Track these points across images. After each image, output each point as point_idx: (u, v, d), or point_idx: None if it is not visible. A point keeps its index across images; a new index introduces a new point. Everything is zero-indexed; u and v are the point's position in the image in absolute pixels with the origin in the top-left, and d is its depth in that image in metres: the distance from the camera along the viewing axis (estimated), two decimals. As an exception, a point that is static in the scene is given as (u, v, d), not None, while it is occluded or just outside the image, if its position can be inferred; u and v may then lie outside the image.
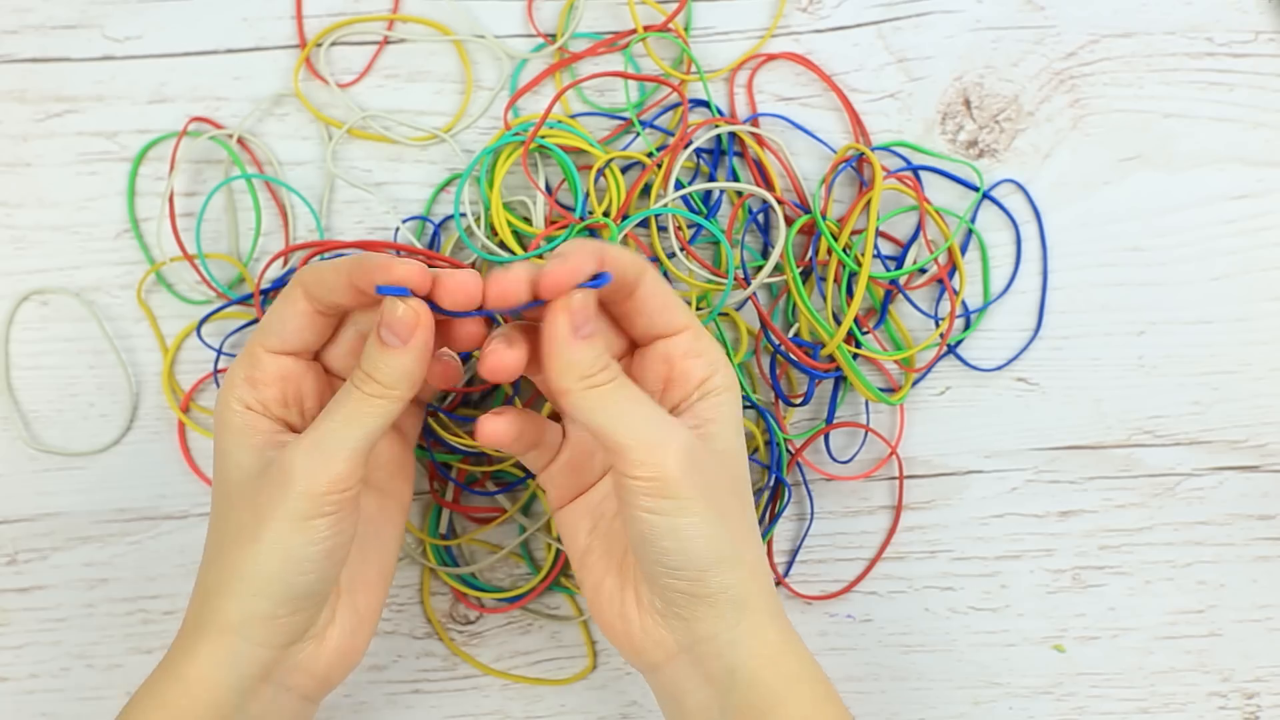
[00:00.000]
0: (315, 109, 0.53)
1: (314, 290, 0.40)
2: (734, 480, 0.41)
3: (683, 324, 0.41)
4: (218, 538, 0.40)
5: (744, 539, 0.40)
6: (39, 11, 0.52)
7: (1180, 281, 0.54)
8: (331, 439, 0.38)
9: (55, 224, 0.52)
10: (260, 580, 0.39)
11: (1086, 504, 0.53)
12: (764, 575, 0.41)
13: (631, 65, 0.53)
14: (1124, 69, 0.54)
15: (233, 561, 0.39)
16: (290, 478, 0.38)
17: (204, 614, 0.40)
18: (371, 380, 0.38)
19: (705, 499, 0.38)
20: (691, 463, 0.38)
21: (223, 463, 0.40)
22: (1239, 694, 0.53)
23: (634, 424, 0.38)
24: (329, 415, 0.39)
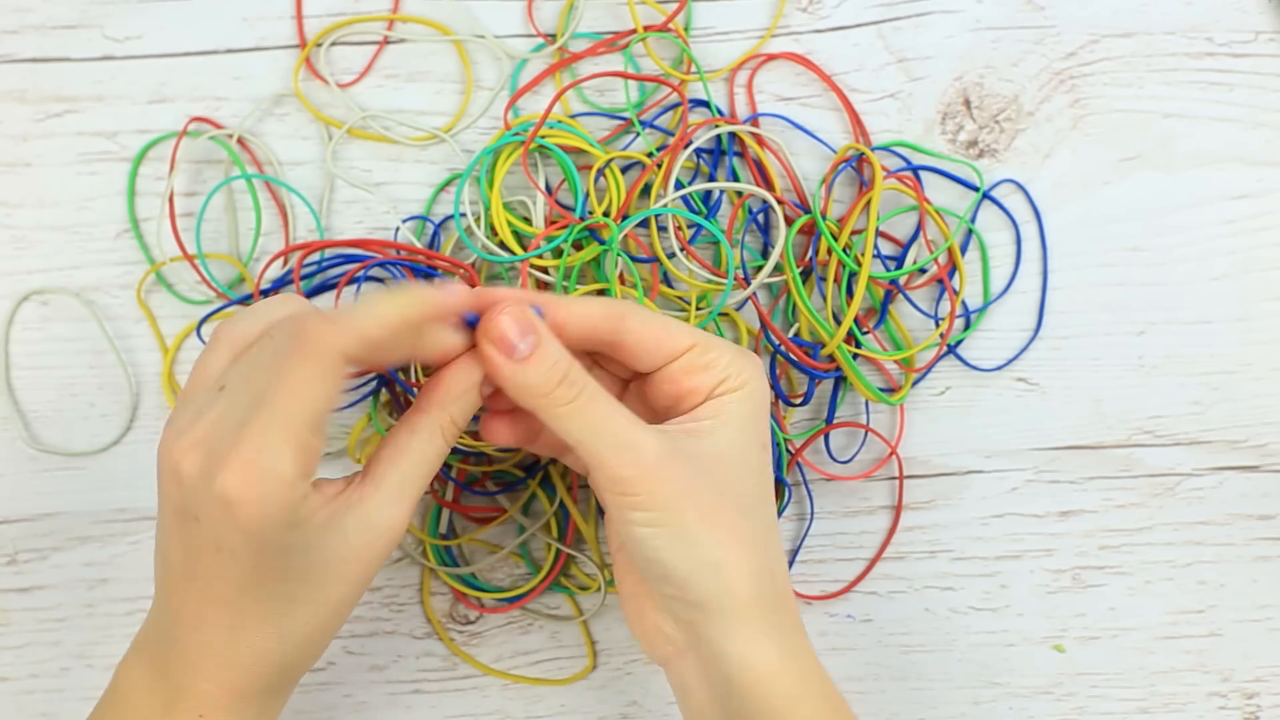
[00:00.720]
0: (315, 109, 0.53)
1: (360, 355, 0.35)
2: (728, 481, 0.39)
3: (683, 347, 0.40)
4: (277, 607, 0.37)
5: (737, 544, 0.38)
6: (39, 11, 0.52)
7: (1180, 281, 0.54)
8: (418, 490, 0.38)
9: (55, 224, 0.52)
10: (334, 635, 0.39)
11: (1086, 504, 0.53)
12: (766, 580, 0.39)
13: (631, 65, 0.53)
14: (1124, 69, 0.54)
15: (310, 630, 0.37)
16: (390, 539, 0.37)
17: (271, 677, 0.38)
18: (457, 428, 0.39)
19: (679, 508, 0.37)
20: (659, 473, 0.37)
21: (281, 555, 0.35)
22: (1239, 694, 0.53)
23: (599, 438, 0.37)
24: (414, 464, 0.38)
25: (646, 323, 0.40)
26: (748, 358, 0.41)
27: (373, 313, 0.35)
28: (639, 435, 0.38)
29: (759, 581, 0.39)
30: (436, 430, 0.38)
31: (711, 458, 0.39)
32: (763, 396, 0.40)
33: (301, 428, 0.34)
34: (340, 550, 0.37)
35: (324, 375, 0.34)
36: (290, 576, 0.36)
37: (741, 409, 0.40)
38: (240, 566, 0.35)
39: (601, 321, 0.39)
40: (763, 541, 0.39)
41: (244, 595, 0.36)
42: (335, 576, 0.37)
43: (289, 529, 0.35)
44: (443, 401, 0.38)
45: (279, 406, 0.34)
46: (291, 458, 0.34)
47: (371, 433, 0.51)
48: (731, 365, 0.40)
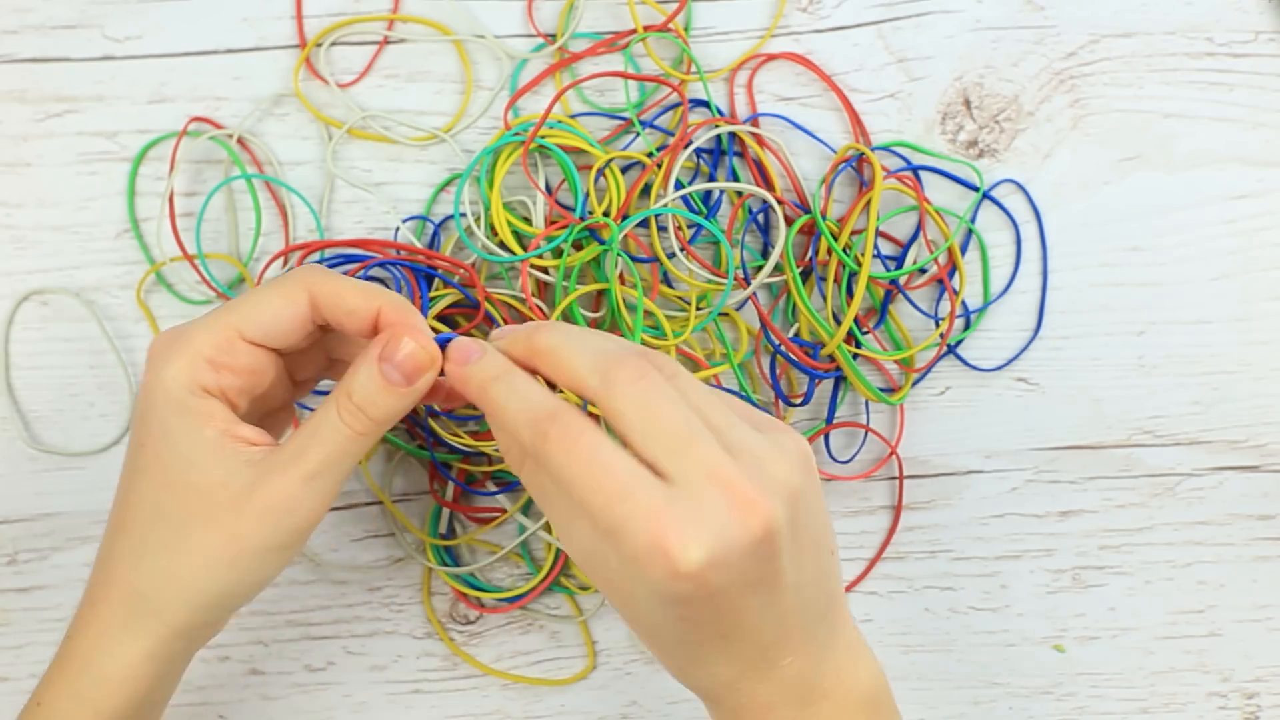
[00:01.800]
0: (315, 109, 0.53)
1: (327, 301, 0.38)
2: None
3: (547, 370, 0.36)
4: (158, 529, 0.38)
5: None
6: (39, 11, 0.52)
7: (1180, 281, 0.54)
8: (323, 477, 0.37)
9: (55, 224, 0.52)
10: (225, 598, 0.38)
11: (1086, 504, 0.53)
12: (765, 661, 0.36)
13: (631, 65, 0.53)
14: (1124, 69, 0.54)
15: (192, 569, 0.37)
16: (284, 513, 0.37)
17: (140, 613, 0.38)
18: (363, 416, 0.37)
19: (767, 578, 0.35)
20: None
21: (166, 446, 0.37)
22: (1239, 694, 0.53)
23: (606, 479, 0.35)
24: (314, 447, 0.37)
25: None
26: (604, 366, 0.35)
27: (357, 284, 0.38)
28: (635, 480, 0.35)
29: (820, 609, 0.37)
30: (332, 404, 0.37)
31: None
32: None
33: (234, 321, 0.37)
34: (216, 490, 0.37)
35: (282, 293, 0.38)
36: (162, 484, 0.37)
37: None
38: (134, 442, 0.38)
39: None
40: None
41: (127, 487, 0.38)
42: (204, 514, 0.37)
43: (177, 410, 0.37)
44: (347, 374, 0.38)
45: (230, 304, 0.38)
46: (209, 340, 0.37)
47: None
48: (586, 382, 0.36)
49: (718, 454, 0.32)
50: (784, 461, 0.34)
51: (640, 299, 0.49)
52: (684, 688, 0.38)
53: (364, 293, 0.37)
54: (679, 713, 0.52)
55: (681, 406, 0.33)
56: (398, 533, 0.52)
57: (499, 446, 0.38)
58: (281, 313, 0.38)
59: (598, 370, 0.34)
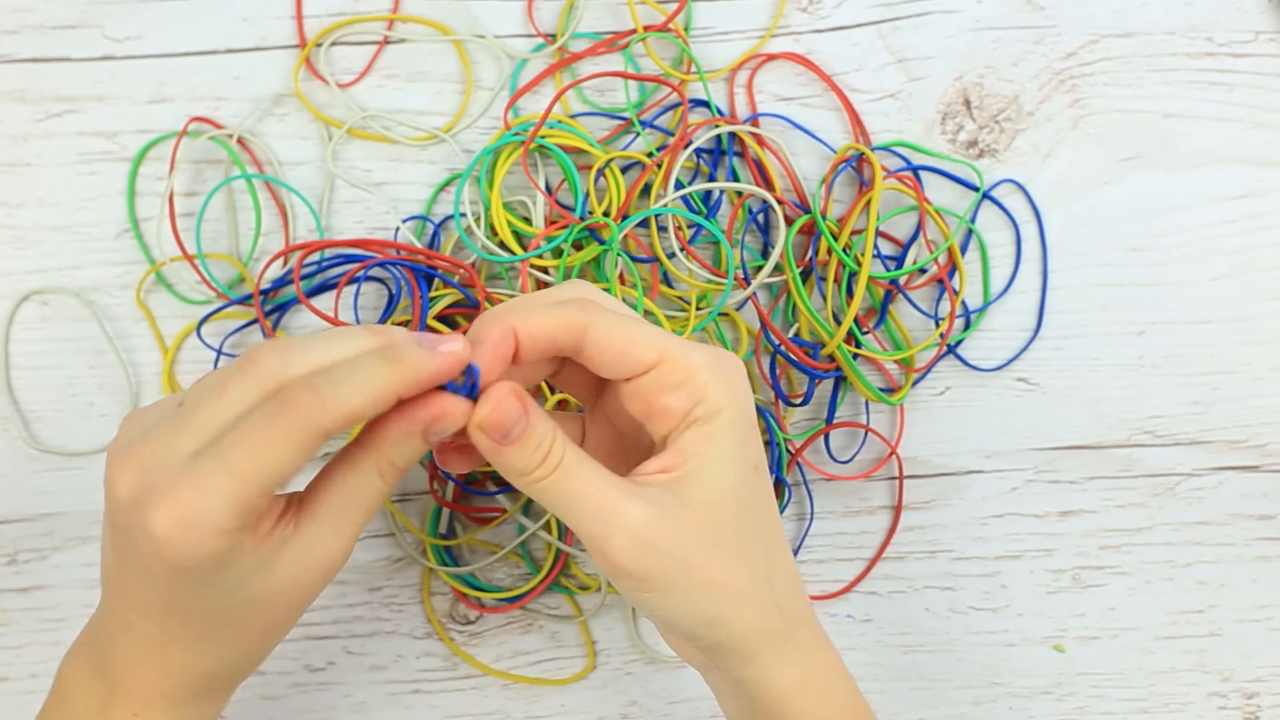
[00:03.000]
0: (315, 109, 0.53)
1: (337, 427, 0.33)
2: (718, 526, 0.37)
3: (651, 361, 0.36)
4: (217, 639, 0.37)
5: (734, 593, 0.37)
6: (39, 11, 0.52)
7: (1180, 281, 0.54)
8: (356, 526, 0.37)
9: (55, 224, 0.52)
10: (269, 652, 0.39)
11: (1086, 504, 0.53)
12: (772, 614, 0.38)
13: (631, 65, 0.53)
14: (1124, 69, 0.54)
15: (256, 658, 0.38)
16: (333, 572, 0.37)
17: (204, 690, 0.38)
18: (396, 470, 0.36)
19: (668, 575, 0.36)
20: (642, 545, 0.35)
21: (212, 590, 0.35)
22: (1239, 694, 0.53)
23: (583, 512, 0.36)
24: (351, 500, 0.36)
25: (609, 334, 0.36)
26: (723, 370, 0.37)
27: (361, 390, 0.33)
28: (621, 507, 0.35)
29: (764, 620, 0.37)
30: (374, 471, 0.36)
31: (698, 509, 0.36)
32: (744, 417, 0.37)
33: (252, 490, 0.32)
34: (269, 586, 0.35)
35: (296, 447, 0.33)
36: (215, 607, 0.36)
37: (723, 443, 0.36)
38: (163, 593, 0.35)
39: (561, 335, 0.36)
40: (765, 576, 0.38)
41: (169, 616, 0.36)
42: (263, 608, 0.36)
43: (215, 573, 0.34)
44: (383, 445, 0.36)
45: (236, 461, 0.32)
46: (231, 514, 0.32)
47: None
48: (706, 385, 0.36)
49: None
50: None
51: (640, 299, 0.49)
52: (683, 689, 0.38)
53: (377, 398, 0.34)
54: (679, 712, 0.52)
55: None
56: (398, 533, 0.52)
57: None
58: (293, 463, 0.33)
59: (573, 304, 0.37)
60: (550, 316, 0.36)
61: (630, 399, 0.37)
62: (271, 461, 0.32)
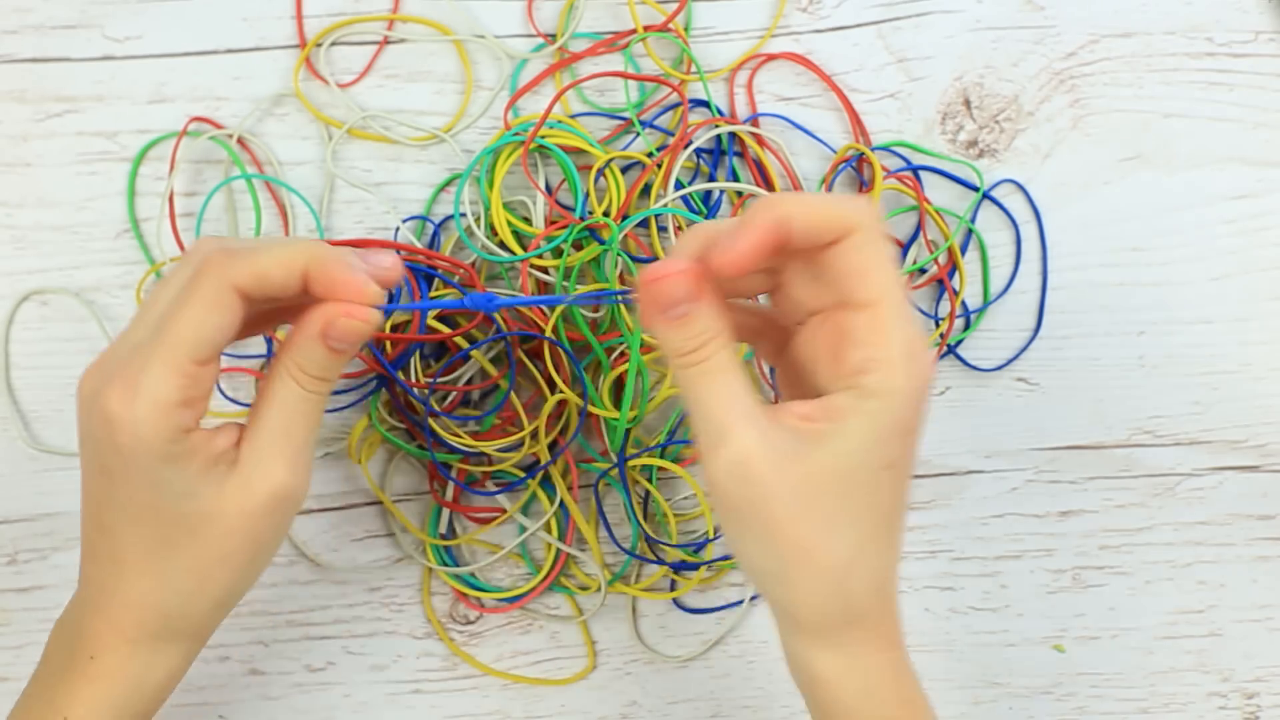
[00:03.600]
0: (315, 109, 0.53)
1: (253, 290, 0.36)
2: (820, 497, 0.36)
3: (866, 301, 0.35)
4: (172, 559, 0.37)
5: (808, 565, 0.36)
6: (39, 11, 0.52)
7: (1180, 281, 0.54)
8: (308, 448, 0.38)
9: (55, 224, 0.52)
10: (243, 593, 0.39)
11: (1086, 504, 0.53)
12: (836, 604, 0.37)
13: (631, 65, 0.53)
14: (1124, 69, 0.54)
15: (215, 586, 0.38)
16: (287, 498, 0.37)
17: (173, 630, 0.39)
18: (320, 380, 0.37)
19: (754, 514, 0.36)
20: (741, 474, 0.35)
21: (156, 494, 0.36)
22: (1239, 694, 0.53)
23: (706, 416, 0.36)
24: (295, 424, 0.37)
25: (860, 252, 0.35)
26: (911, 362, 0.35)
27: (273, 253, 0.36)
28: (736, 428, 0.35)
29: (825, 601, 0.37)
30: (286, 376, 0.37)
31: (810, 466, 0.35)
32: (905, 416, 0.35)
33: (186, 354, 0.35)
34: (217, 503, 0.37)
35: (214, 304, 0.35)
36: (167, 518, 0.37)
37: (870, 425, 0.35)
38: (121, 493, 0.36)
39: (825, 225, 0.35)
40: (844, 561, 0.36)
41: (125, 526, 0.37)
42: (213, 529, 0.37)
43: (163, 460, 0.35)
44: (290, 350, 0.37)
45: (168, 332, 0.35)
46: (172, 383, 0.35)
47: (372, 432, 0.51)
48: (885, 361, 0.35)
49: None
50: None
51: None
52: (683, 688, 0.38)
53: (284, 264, 0.36)
54: (679, 712, 0.52)
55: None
56: (398, 533, 0.52)
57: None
58: (222, 323, 0.36)
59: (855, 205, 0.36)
60: (837, 206, 0.35)
61: (832, 329, 0.36)
62: (193, 322, 0.35)
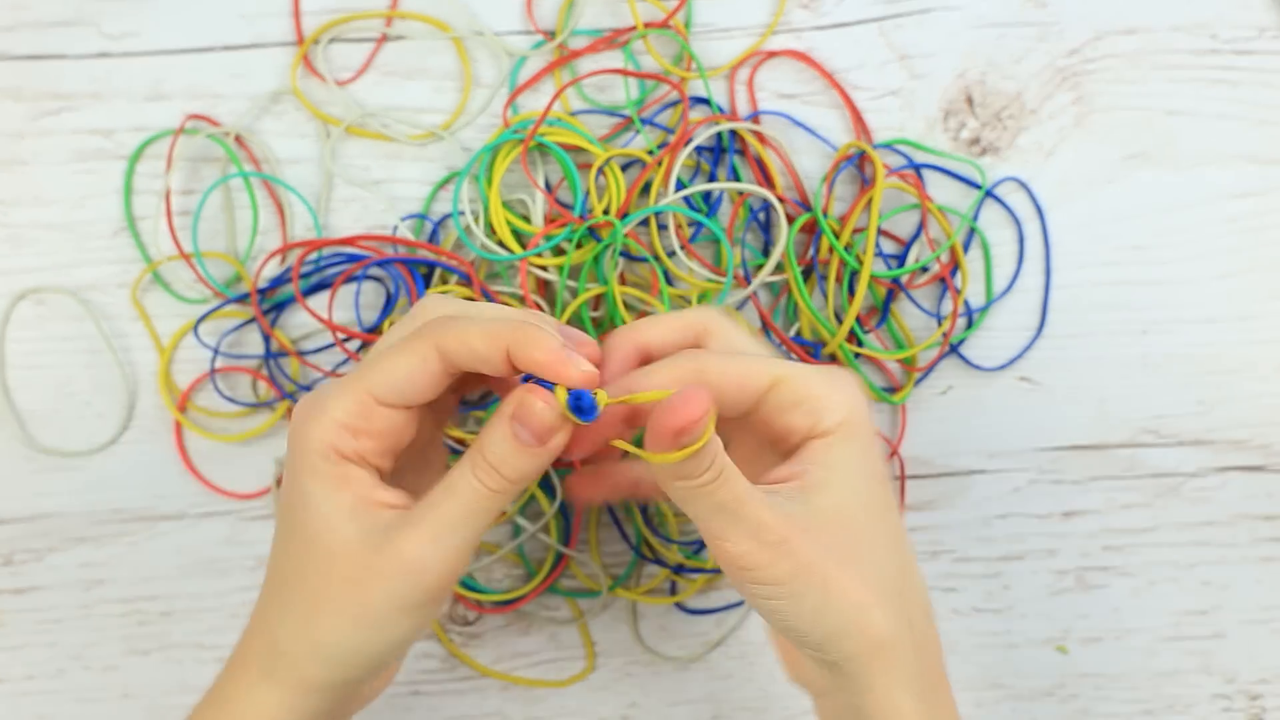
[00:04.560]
0: (313, 106, 0.52)
1: (456, 356, 0.36)
2: (852, 534, 0.37)
3: (764, 387, 0.37)
4: (298, 588, 0.38)
5: (869, 602, 0.36)
6: (34, 8, 0.52)
7: (1184, 280, 0.53)
8: (454, 535, 0.36)
9: (51, 222, 0.52)
10: (358, 657, 0.38)
11: (1090, 504, 0.53)
12: (904, 629, 0.37)
13: (631, 62, 0.53)
14: (1127, 66, 0.54)
15: (322, 627, 0.37)
16: (412, 571, 0.36)
17: (278, 667, 0.38)
18: (497, 475, 0.36)
19: (802, 580, 0.36)
20: (779, 550, 0.35)
21: (306, 511, 0.37)
22: (1244, 695, 0.53)
23: (725, 520, 0.35)
24: (447, 503, 0.36)
25: (724, 370, 0.37)
26: (837, 384, 0.37)
27: (482, 323, 0.36)
28: (761, 515, 0.35)
29: (895, 633, 0.37)
30: (469, 466, 0.36)
31: (829, 514, 0.36)
32: (863, 427, 0.37)
33: (368, 387, 0.36)
34: (350, 551, 0.36)
35: (411, 354, 0.36)
36: (303, 540, 0.37)
37: (844, 453, 0.37)
38: (283, 503, 0.38)
39: (678, 384, 0.36)
40: (897, 589, 0.37)
41: (274, 546, 0.38)
42: (337, 575, 0.36)
43: (312, 475, 0.36)
44: (480, 440, 0.36)
45: (367, 370, 0.37)
46: (346, 406, 0.36)
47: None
48: (823, 399, 0.37)
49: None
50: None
51: (653, 302, 0.49)
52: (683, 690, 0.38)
53: (489, 337, 0.35)
54: (679, 714, 0.52)
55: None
56: (396, 533, 0.52)
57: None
58: (415, 374, 0.36)
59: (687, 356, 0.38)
60: (667, 369, 0.37)
61: (754, 428, 0.38)
62: (388, 365, 0.36)
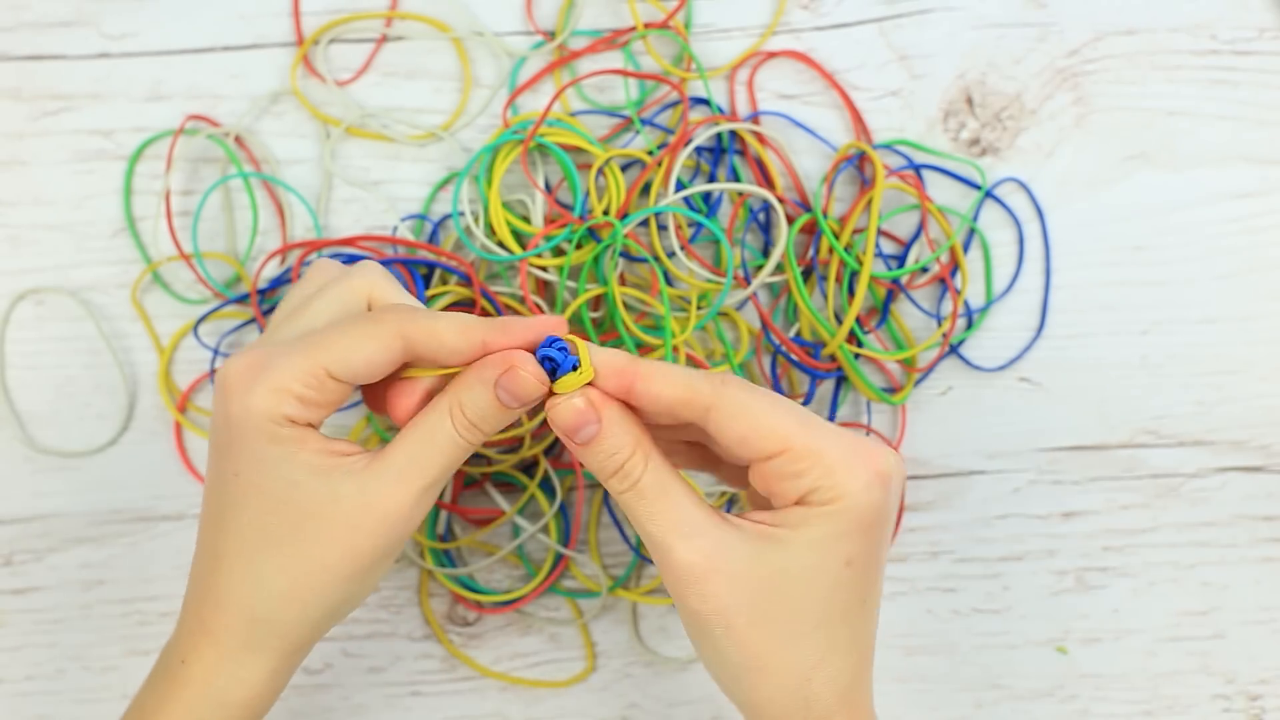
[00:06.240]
0: (313, 107, 0.52)
1: (423, 344, 0.37)
2: (784, 599, 0.36)
3: (771, 452, 0.36)
4: (270, 554, 0.37)
5: (767, 670, 0.37)
6: (34, 9, 0.52)
7: (1184, 280, 0.53)
8: (434, 484, 0.37)
9: (51, 223, 0.52)
10: (345, 608, 0.38)
11: (1090, 505, 0.53)
12: (793, 708, 0.37)
13: (631, 63, 0.53)
14: (1127, 66, 0.54)
15: (313, 588, 0.37)
16: (400, 520, 0.37)
17: (261, 635, 0.38)
18: (476, 430, 0.37)
19: (715, 618, 0.36)
20: (697, 587, 0.36)
21: (264, 475, 0.37)
22: (1243, 696, 0.53)
23: (647, 536, 0.37)
24: (426, 454, 0.37)
25: (732, 422, 0.36)
26: (858, 462, 0.36)
27: (450, 318, 0.37)
28: (681, 546, 0.36)
29: (789, 714, 0.37)
30: (445, 411, 0.37)
31: (768, 572, 0.36)
32: (860, 512, 0.36)
33: (325, 361, 0.36)
34: (325, 504, 0.36)
35: (376, 337, 0.36)
36: (269, 505, 0.37)
37: (824, 528, 0.36)
38: (228, 470, 0.37)
39: (682, 409, 0.37)
40: (805, 667, 0.37)
41: (229, 513, 0.37)
42: (315, 530, 0.37)
43: (270, 439, 0.36)
44: (458, 387, 0.37)
45: (319, 338, 0.36)
46: (299, 377, 0.36)
47: (370, 433, 0.51)
48: (823, 479, 0.36)
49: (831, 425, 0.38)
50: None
51: (653, 303, 0.49)
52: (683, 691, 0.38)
53: (462, 330, 0.37)
54: (679, 715, 0.52)
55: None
56: (396, 534, 0.52)
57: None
58: (374, 357, 0.37)
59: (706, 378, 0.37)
60: (675, 384, 0.37)
61: (755, 476, 0.38)
62: (349, 344, 0.36)
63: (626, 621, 0.52)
